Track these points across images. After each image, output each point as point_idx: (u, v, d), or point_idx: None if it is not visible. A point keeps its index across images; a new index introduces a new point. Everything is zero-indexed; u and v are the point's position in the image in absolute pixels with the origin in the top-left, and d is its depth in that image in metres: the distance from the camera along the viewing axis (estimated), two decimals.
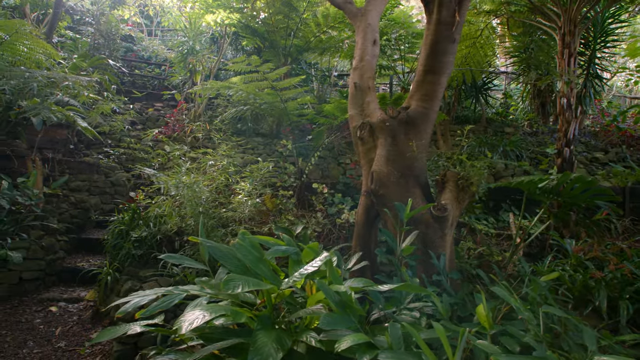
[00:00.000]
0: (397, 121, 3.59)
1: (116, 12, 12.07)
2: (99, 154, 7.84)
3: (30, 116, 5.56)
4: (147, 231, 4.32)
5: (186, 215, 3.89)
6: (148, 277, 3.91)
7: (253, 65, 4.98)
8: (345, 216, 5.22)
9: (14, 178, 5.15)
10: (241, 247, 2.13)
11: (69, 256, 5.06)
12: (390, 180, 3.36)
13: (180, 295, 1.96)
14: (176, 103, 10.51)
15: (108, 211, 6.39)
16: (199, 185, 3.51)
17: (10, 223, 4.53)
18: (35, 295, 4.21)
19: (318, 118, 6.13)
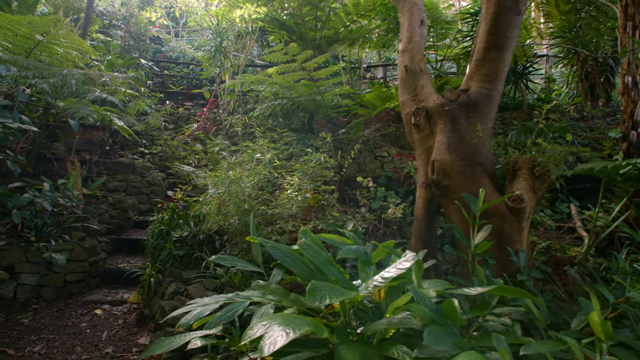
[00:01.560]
0: (458, 104, 3.24)
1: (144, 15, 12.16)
2: (134, 154, 7.85)
3: (68, 118, 5.56)
4: (188, 231, 4.16)
5: (228, 213, 3.69)
6: (192, 278, 3.75)
7: (290, 55, 4.74)
8: (391, 211, 4.91)
9: (54, 180, 5.13)
10: (309, 247, 1.87)
11: (110, 257, 5.00)
12: (454, 169, 3.03)
13: (244, 304, 1.73)
14: (206, 102, 10.47)
15: (145, 211, 6.35)
16: (243, 181, 3.30)
17: (53, 225, 4.49)
18: (80, 298, 4.13)
19: (357, 109, 5.83)
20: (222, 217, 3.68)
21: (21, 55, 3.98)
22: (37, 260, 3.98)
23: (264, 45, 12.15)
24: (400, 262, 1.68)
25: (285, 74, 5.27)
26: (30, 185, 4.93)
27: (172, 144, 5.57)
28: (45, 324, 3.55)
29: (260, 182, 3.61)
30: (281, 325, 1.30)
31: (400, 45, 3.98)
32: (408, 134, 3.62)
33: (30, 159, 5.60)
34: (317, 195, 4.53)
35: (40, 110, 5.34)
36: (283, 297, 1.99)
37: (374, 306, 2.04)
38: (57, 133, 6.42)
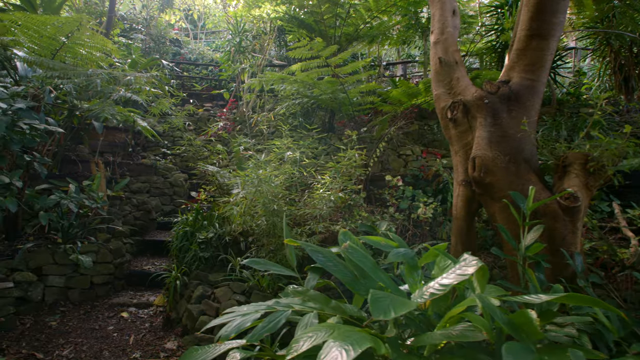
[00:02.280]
0: (498, 97, 3.04)
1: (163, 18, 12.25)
2: (155, 155, 7.85)
3: (92, 120, 5.56)
4: (213, 232, 4.06)
5: (255, 214, 3.58)
6: (218, 281, 3.64)
7: (315, 50, 4.61)
8: (421, 210, 4.72)
9: (79, 182, 5.13)
10: (355, 251, 1.72)
11: (135, 259, 4.96)
12: (497, 165, 2.83)
13: (286, 314, 1.59)
14: (225, 102, 10.45)
15: (168, 212, 6.32)
16: (272, 180, 3.17)
17: (79, 226, 4.47)
18: (106, 300, 4.09)
19: (383, 105, 5.64)
20: (249, 218, 3.56)
21: (46, 57, 3.96)
22: (64, 262, 3.96)
23: (281, 46, 12.09)
24: (460, 267, 1.51)
25: (308, 71, 5.14)
26: (56, 187, 4.95)
27: (196, 143, 5.50)
28: (72, 327, 3.50)
29: (287, 181, 3.47)
30: (337, 341, 1.15)
31: (432, 37, 3.79)
32: (444, 129, 3.43)
33: (56, 161, 5.63)
34: (344, 195, 4.38)
35: (64, 113, 5.36)
36: (324, 304, 1.84)
37: (420, 314, 1.88)
38: (81, 135, 6.46)
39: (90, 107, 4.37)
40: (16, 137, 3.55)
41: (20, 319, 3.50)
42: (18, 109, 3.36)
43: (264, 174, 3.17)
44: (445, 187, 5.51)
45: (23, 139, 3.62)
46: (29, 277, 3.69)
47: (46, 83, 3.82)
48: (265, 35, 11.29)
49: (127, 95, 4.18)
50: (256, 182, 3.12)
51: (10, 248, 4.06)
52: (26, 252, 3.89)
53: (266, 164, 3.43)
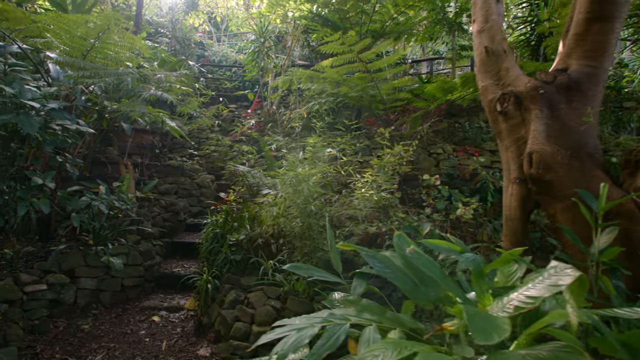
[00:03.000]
0: (555, 87, 2.77)
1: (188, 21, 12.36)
2: (182, 156, 7.85)
3: (121, 122, 5.56)
4: (244, 234, 3.93)
5: (289, 215, 3.42)
6: (252, 286, 3.50)
7: (347, 44, 4.43)
8: (460, 211, 4.46)
9: (109, 183, 5.12)
10: (420, 256, 1.53)
11: (164, 261, 4.90)
12: (557, 161, 2.56)
13: (345, 328, 1.41)
14: (249, 104, 10.41)
15: (196, 213, 6.26)
16: (311, 179, 3.00)
17: (109, 228, 4.43)
18: (137, 303, 4.02)
19: (416, 101, 5.40)
20: (283, 219, 3.40)
21: (78, 58, 3.94)
22: (96, 264, 3.91)
23: (304, 46, 11.99)
24: (549, 276, 1.29)
25: (338, 67, 4.97)
26: (87, 188, 4.94)
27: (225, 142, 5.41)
28: (105, 331, 3.43)
29: (322, 180, 3.30)
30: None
31: (475, 26, 3.54)
32: (492, 124, 3.18)
33: (86, 163, 5.65)
34: (379, 195, 4.17)
35: (94, 116, 5.38)
36: (380, 315, 1.65)
37: None
38: (110, 137, 6.49)
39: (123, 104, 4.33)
40: (49, 138, 3.51)
41: (53, 322, 3.46)
42: (51, 110, 3.32)
43: (303, 173, 3.00)
44: (483, 186, 5.22)
45: (55, 139, 3.59)
46: (61, 279, 3.65)
47: (77, 82, 3.79)
48: (288, 36, 11.21)
49: (157, 93, 4.12)
50: (294, 182, 2.96)
51: (43, 249, 4.06)
52: (59, 254, 3.87)
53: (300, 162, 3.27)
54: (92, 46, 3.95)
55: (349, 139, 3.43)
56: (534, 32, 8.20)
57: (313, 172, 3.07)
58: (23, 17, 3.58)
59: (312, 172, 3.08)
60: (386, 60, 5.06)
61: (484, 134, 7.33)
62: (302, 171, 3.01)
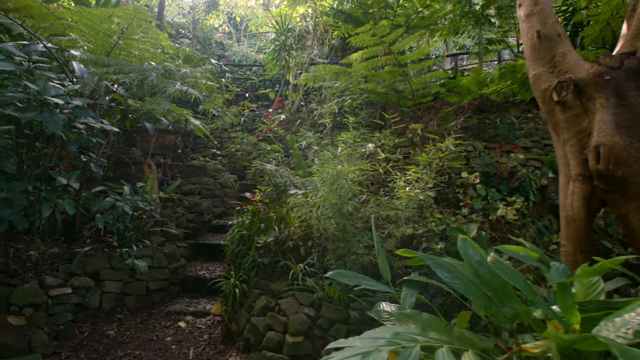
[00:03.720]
0: (623, 72, 2.47)
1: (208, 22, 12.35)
2: (205, 156, 7.76)
3: (144, 122, 5.48)
4: (273, 236, 3.74)
5: (323, 216, 3.20)
6: (282, 291, 3.30)
7: (378, 36, 4.20)
8: (501, 211, 4.17)
9: (132, 184, 5.03)
10: (502, 266, 1.29)
11: (188, 263, 4.76)
12: (631, 155, 2.26)
13: (416, 351, 1.17)
14: (270, 103, 10.28)
15: (219, 214, 6.12)
16: (348, 177, 2.77)
17: (133, 229, 4.32)
18: (162, 308, 3.88)
19: (450, 96, 5.11)
20: (315, 220, 3.19)
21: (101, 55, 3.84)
22: (120, 267, 3.79)
23: (324, 44, 11.82)
24: None
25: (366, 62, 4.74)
26: (111, 189, 4.86)
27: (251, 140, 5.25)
28: (130, 337, 3.30)
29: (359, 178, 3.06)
30: None
31: (522, 10, 3.25)
32: (547, 115, 2.88)
33: (110, 163, 5.59)
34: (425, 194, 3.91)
35: (118, 116, 5.31)
36: (447, 334, 1.41)
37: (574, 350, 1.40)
38: (133, 137, 6.44)
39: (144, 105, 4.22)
40: (73, 136, 3.41)
41: (78, 327, 3.35)
42: (75, 107, 3.21)
43: (342, 170, 2.78)
44: (522, 185, 4.90)
45: (80, 138, 3.49)
46: (86, 282, 3.54)
47: (102, 79, 3.68)
48: (308, 35, 11.04)
49: (182, 88, 3.98)
50: (330, 180, 2.73)
51: (68, 251, 3.97)
52: (83, 256, 3.76)
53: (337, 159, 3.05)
54: (116, 43, 3.84)
55: (387, 134, 3.19)
56: (569, 22, 7.77)
57: (352, 169, 2.84)
58: (48, 14, 3.49)
59: (351, 169, 2.84)
60: (418, 52, 4.80)
61: (517, 130, 6.97)
62: (342, 168, 2.78)
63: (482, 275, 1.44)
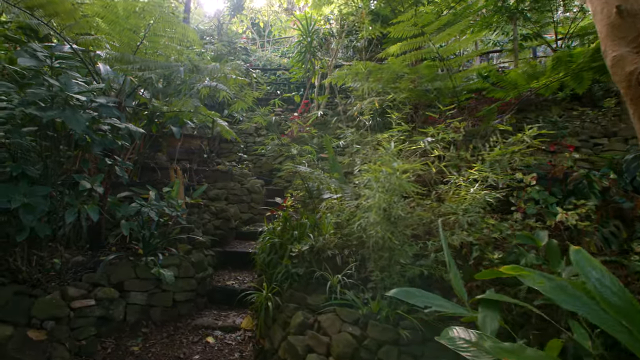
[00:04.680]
0: None
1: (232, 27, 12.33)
2: (230, 161, 7.58)
3: (170, 126, 5.31)
4: (308, 244, 3.43)
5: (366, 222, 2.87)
6: (321, 306, 2.97)
7: (419, 26, 3.88)
8: (560, 216, 3.71)
9: (158, 189, 4.85)
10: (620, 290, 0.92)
11: (216, 272, 4.51)
12: None
13: None
14: (295, 107, 10.06)
15: (246, 220, 5.88)
16: (403, 177, 2.42)
17: (159, 236, 4.10)
18: (190, 321, 3.62)
19: (495, 91, 4.70)
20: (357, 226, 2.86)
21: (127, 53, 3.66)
22: (146, 277, 3.56)
23: (348, 47, 11.59)
24: None
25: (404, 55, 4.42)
26: (137, 194, 4.69)
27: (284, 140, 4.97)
28: (155, 354, 3.04)
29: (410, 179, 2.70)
30: None
31: None
32: (631, 103, 2.46)
33: (136, 168, 5.45)
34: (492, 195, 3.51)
35: (144, 121, 5.17)
36: None
37: None
38: (159, 142, 6.31)
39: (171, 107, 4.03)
40: (97, 138, 3.22)
41: (101, 342, 3.12)
42: (99, 106, 3.01)
43: (398, 168, 2.42)
44: (579, 187, 4.42)
45: (104, 140, 3.29)
46: (110, 293, 3.32)
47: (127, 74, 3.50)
48: (332, 38, 10.81)
49: (212, 84, 3.76)
50: (383, 182, 2.38)
51: (93, 259, 3.77)
52: (107, 265, 3.56)
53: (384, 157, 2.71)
54: (142, 39, 3.66)
55: (441, 128, 2.84)
56: None
57: (408, 167, 2.48)
58: (72, 10, 3.34)
59: (407, 167, 2.48)
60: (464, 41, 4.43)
61: (561, 129, 6.45)
62: (399, 166, 2.43)
63: (610, 300, 1.08)
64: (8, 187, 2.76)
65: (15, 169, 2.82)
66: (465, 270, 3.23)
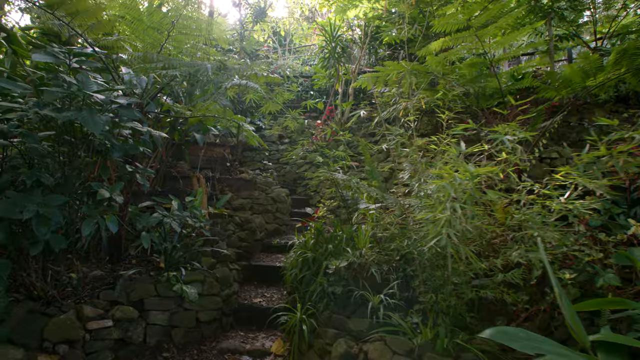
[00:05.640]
0: None
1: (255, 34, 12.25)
2: (253, 170, 7.32)
3: (193, 133, 5.09)
4: (346, 260, 3.07)
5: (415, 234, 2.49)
6: (365, 332, 2.59)
7: (464, 18, 3.53)
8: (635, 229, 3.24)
9: (181, 199, 4.59)
10: None
11: (241, 288, 4.18)
12: None
13: None
14: (317, 115, 9.81)
15: (272, 232, 5.55)
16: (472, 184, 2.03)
17: (182, 249, 3.82)
18: (214, 344, 3.29)
19: (547, 90, 4.26)
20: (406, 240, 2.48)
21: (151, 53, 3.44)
22: (167, 294, 3.26)
23: (371, 53, 11.35)
24: None
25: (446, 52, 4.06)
26: (158, 204, 4.44)
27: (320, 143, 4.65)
28: None
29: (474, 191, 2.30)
30: None
31: None
32: None
33: (158, 177, 5.23)
34: (509, 208, 3.07)
35: (167, 128, 4.97)
36: None
37: None
38: (182, 150, 6.11)
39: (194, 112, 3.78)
40: (117, 143, 2.96)
41: None
42: (119, 107, 2.76)
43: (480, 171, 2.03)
44: None
45: (125, 145, 3.04)
46: (129, 313, 3.02)
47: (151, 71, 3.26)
48: (354, 44, 10.57)
49: (242, 82, 3.48)
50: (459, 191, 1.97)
51: (112, 274, 3.50)
52: (127, 281, 3.27)
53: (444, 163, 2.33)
54: (167, 38, 3.43)
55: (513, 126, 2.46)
56: None
57: (486, 170, 2.09)
58: (94, 8, 3.14)
59: (486, 170, 2.09)
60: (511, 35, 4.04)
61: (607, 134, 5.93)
62: (477, 170, 2.04)
63: None
64: (21, 196, 2.51)
65: (29, 176, 2.58)
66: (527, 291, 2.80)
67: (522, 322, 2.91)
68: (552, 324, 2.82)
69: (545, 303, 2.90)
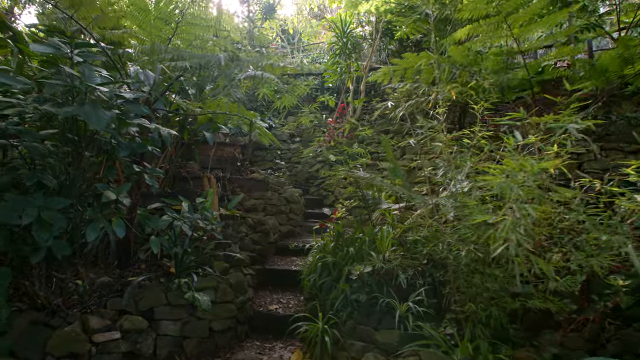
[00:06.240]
0: None
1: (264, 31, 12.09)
2: (265, 169, 7.12)
3: (203, 131, 4.90)
4: (371, 265, 2.83)
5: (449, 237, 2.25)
6: (394, 345, 2.35)
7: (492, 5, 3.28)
8: None
9: (191, 200, 4.39)
10: None
11: (256, 294, 3.97)
12: None
13: None
14: (329, 113, 9.59)
15: (285, 233, 5.34)
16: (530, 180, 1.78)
17: (193, 253, 3.61)
18: (229, 355, 3.08)
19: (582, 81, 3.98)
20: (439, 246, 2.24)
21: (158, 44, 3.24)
22: (179, 302, 3.05)
23: (382, 50, 11.10)
24: None
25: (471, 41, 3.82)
26: (168, 205, 4.24)
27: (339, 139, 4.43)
28: None
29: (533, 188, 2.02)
30: None
31: None
32: None
33: (168, 178, 5.05)
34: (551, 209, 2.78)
35: (176, 128, 4.78)
36: None
37: None
38: (192, 149, 5.93)
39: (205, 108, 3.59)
40: (124, 141, 2.77)
41: None
42: (125, 102, 2.57)
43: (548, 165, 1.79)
44: None
45: (131, 144, 2.84)
46: (138, 323, 2.82)
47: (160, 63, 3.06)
48: (364, 41, 10.34)
49: (256, 73, 3.27)
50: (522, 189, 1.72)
51: (120, 280, 3.31)
52: (136, 288, 3.08)
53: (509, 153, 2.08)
54: (175, 29, 3.23)
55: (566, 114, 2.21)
56: None
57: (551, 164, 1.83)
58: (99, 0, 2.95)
59: (552, 163, 1.83)
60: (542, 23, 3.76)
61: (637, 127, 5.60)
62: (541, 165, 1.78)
63: None
64: (20, 199, 2.32)
65: (30, 177, 2.39)
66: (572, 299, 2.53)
67: (568, 333, 2.65)
68: (602, 335, 2.55)
69: (594, 312, 2.63)
